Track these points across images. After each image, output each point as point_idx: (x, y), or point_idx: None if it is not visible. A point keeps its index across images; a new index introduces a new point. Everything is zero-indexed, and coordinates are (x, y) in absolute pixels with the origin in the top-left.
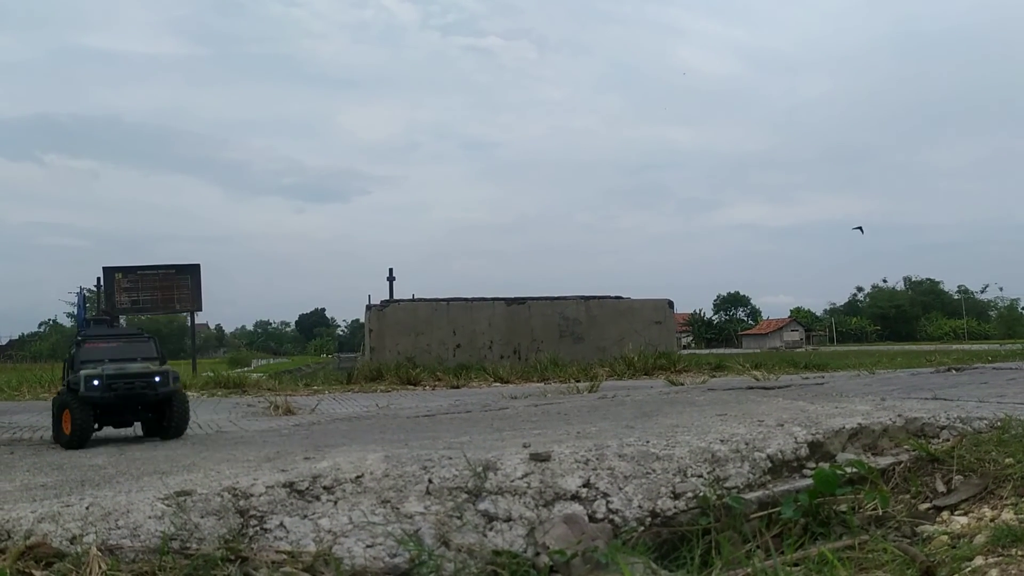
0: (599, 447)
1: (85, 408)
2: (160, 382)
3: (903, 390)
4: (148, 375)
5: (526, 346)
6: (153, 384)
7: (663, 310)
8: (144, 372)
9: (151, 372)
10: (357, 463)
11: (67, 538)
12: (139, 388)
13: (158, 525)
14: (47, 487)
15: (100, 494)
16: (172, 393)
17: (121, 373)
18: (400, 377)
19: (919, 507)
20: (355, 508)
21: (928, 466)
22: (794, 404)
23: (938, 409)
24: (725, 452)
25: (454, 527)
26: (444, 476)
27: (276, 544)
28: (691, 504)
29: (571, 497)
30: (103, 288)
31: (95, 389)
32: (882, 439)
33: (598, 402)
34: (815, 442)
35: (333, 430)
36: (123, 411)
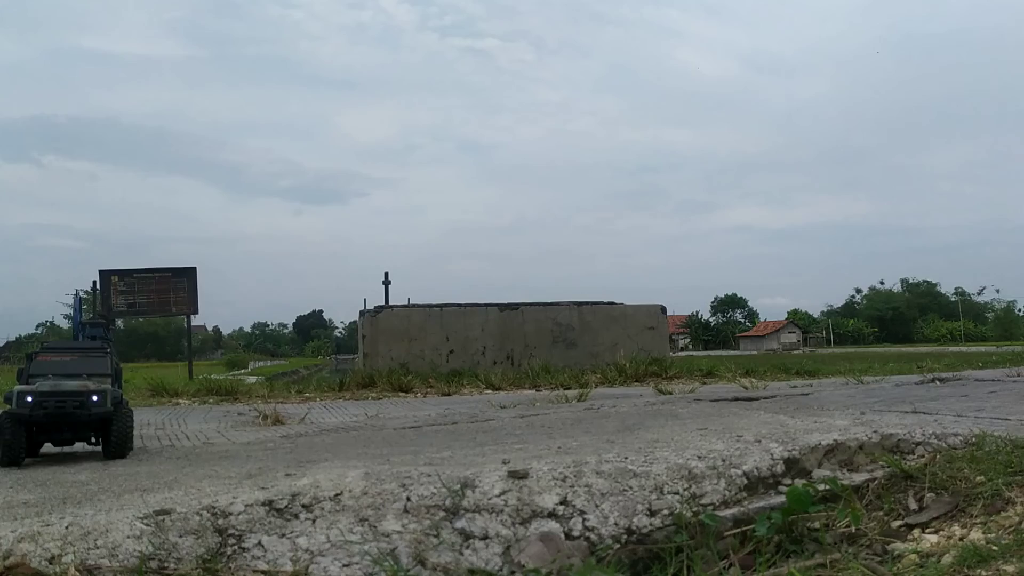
0: (578, 463)
1: (16, 426)
2: (97, 402)
3: (885, 402)
4: (83, 394)
5: (519, 352)
6: (87, 404)
7: (656, 316)
8: (78, 391)
9: (87, 391)
10: (337, 480)
11: (46, 558)
12: (70, 407)
13: (136, 545)
14: (29, 504)
15: (80, 512)
16: (109, 414)
17: (54, 391)
18: (392, 384)
19: (892, 524)
20: (333, 526)
21: (902, 483)
22: (775, 418)
23: (915, 424)
24: (702, 469)
25: (431, 545)
26: (422, 494)
27: (253, 563)
28: (667, 521)
29: (548, 515)
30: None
31: (25, 406)
32: (858, 455)
33: (583, 414)
34: (791, 458)
35: (319, 443)
36: (57, 430)
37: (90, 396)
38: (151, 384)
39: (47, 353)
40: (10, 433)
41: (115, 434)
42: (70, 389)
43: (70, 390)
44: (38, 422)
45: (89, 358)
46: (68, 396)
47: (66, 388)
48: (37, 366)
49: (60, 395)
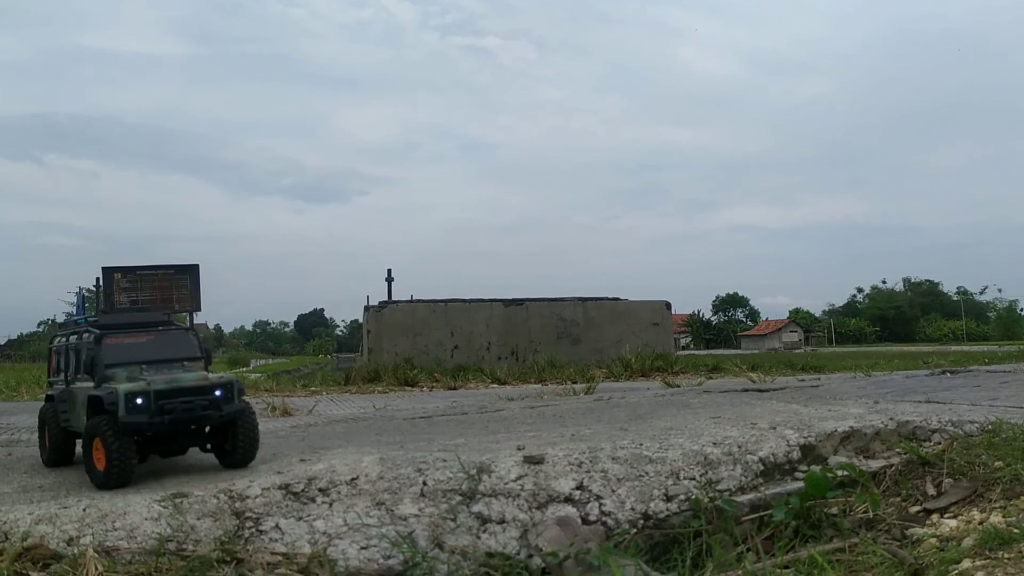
0: (593, 450)
1: (125, 438)
2: (223, 397)
3: (897, 393)
4: (207, 389)
5: (524, 347)
6: (216, 401)
7: (660, 311)
8: (202, 385)
9: (211, 385)
10: (352, 465)
11: (64, 540)
12: (199, 409)
13: (154, 527)
14: (44, 489)
15: (97, 496)
16: (239, 412)
17: (174, 388)
18: (398, 378)
19: (909, 510)
20: (350, 510)
21: (919, 469)
22: (788, 407)
23: (930, 412)
24: (718, 455)
25: (448, 529)
26: (438, 478)
27: (271, 546)
28: (683, 506)
29: (564, 499)
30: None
31: (141, 412)
32: (874, 442)
33: (593, 404)
34: (807, 445)
35: (330, 432)
36: (175, 438)
37: (214, 391)
38: None
39: (118, 334)
40: (118, 448)
41: (242, 437)
42: (190, 384)
43: (191, 385)
44: (158, 431)
45: (171, 336)
46: (192, 394)
47: (185, 383)
48: (111, 352)
49: (183, 393)
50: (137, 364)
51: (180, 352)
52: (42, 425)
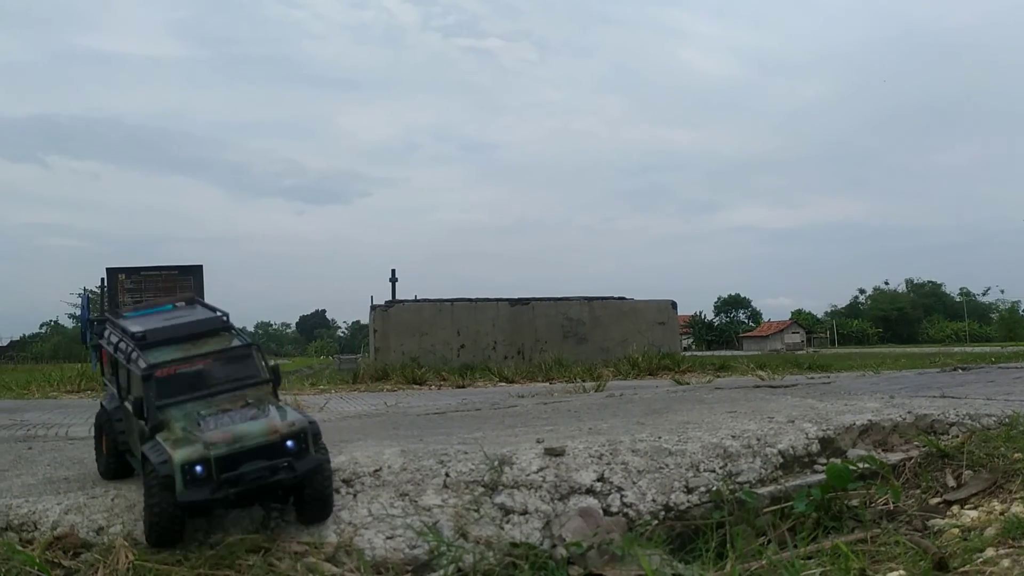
0: (612, 442)
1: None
2: (296, 450)
3: (911, 389)
4: (278, 446)
5: (530, 346)
6: (290, 461)
7: (667, 311)
8: (272, 442)
9: (281, 437)
10: (374, 457)
11: (93, 529)
12: (269, 474)
13: None
14: (70, 480)
15: (124, 486)
16: (316, 468)
17: (238, 451)
18: (406, 377)
19: (929, 501)
20: (374, 501)
21: (938, 462)
22: (803, 402)
23: (947, 406)
24: (737, 448)
25: (472, 519)
26: (460, 470)
27: (297, 535)
28: (704, 498)
29: (586, 491)
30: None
31: (201, 485)
32: (892, 435)
33: (606, 400)
34: (826, 438)
35: (346, 427)
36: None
37: (285, 443)
38: None
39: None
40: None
41: (314, 494)
42: (261, 442)
43: (262, 443)
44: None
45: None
46: (261, 456)
47: (252, 441)
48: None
49: (249, 457)
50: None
51: (242, 373)
52: (99, 433)
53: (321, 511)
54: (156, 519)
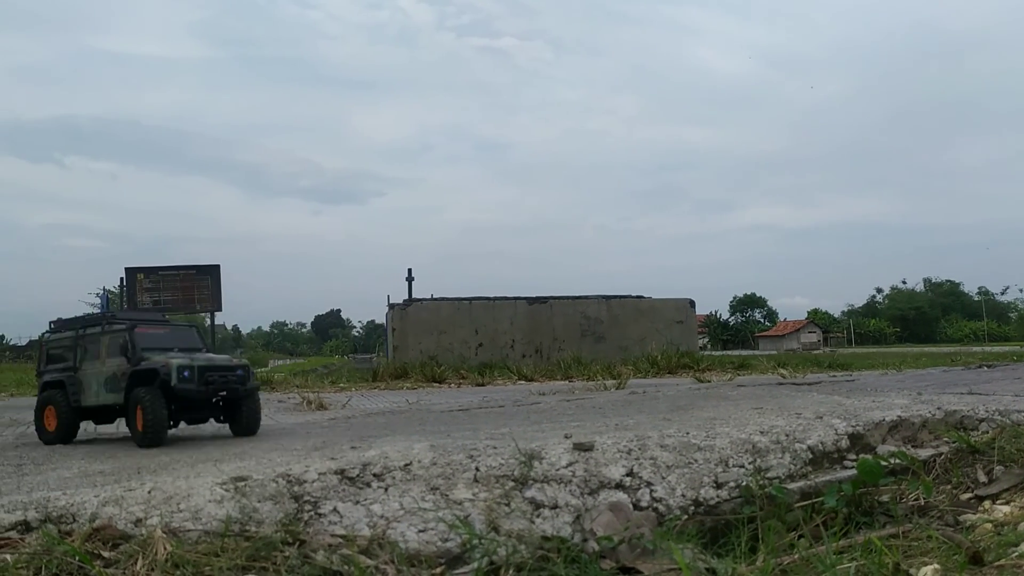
0: (640, 438)
1: (159, 402)
2: (244, 376)
3: (937, 386)
4: (235, 368)
5: (548, 345)
6: (242, 378)
7: (684, 309)
8: (232, 365)
9: (237, 365)
10: (404, 452)
11: (131, 521)
12: (233, 382)
13: (218, 509)
14: (105, 473)
15: (160, 479)
16: (255, 388)
17: (212, 365)
18: (425, 375)
19: (960, 497)
20: (405, 495)
21: (968, 457)
22: (830, 398)
23: (976, 403)
24: (766, 443)
25: (503, 513)
26: (490, 464)
27: (331, 528)
28: (734, 493)
29: (615, 486)
30: (125, 288)
31: (188, 382)
32: (921, 432)
33: (630, 397)
34: (855, 434)
35: (371, 423)
36: (205, 407)
37: (237, 370)
38: None
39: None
40: (155, 411)
41: (251, 410)
42: (223, 363)
43: (224, 364)
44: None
45: (179, 330)
46: (225, 371)
47: (219, 362)
48: (142, 339)
49: (218, 370)
50: (160, 350)
51: (188, 343)
52: (41, 410)
53: (254, 426)
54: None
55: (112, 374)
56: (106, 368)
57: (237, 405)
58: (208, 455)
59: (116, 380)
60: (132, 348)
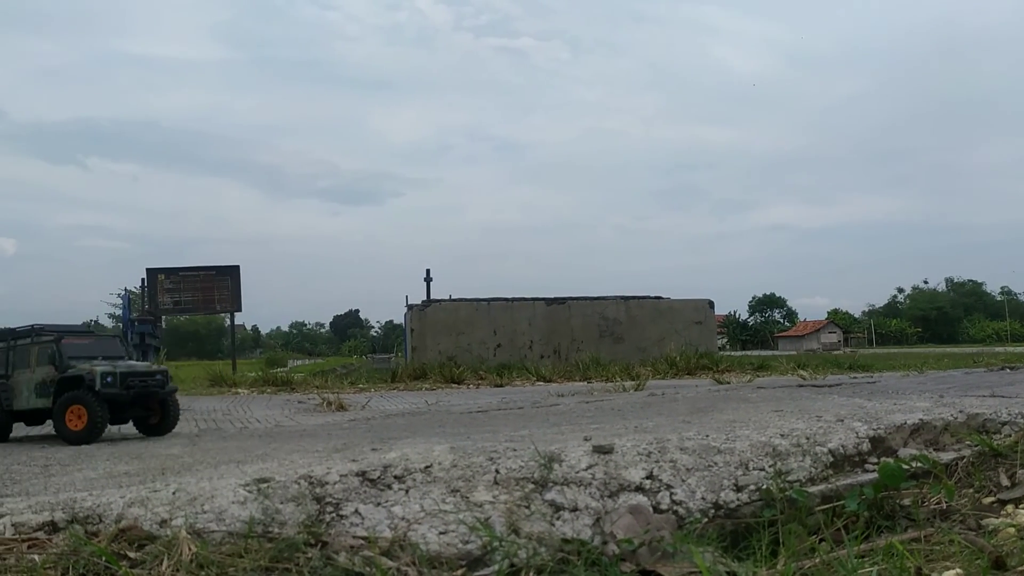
0: (660, 440)
1: (102, 405)
2: (162, 381)
3: (959, 388)
4: (155, 373)
5: (566, 346)
6: (161, 382)
7: (703, 310)
8: (151, 371)
9: (156, 371)
10: (425, 454)
11: (156, 521)
12: (152, 386)
13: (241, 510)
14: (130, 474)
15: (184, 481)
16: (173, 391)
17: (133, 371)
18: (443, 376)
19: (983, 501)
20: (426, 496)
21: (991, 461)
22: (851, 401)
23: (998, 405)
24: (786, 446)
25: (523, 516)
26: (510, 467)
27: (353, 530)
28: (754, 496)
29: (635, 488)
30: (147, 289)
31: (111, 386)
32: (943, 435)
33: (649, 399)
34: (876, 437)
35: (392, 424)
36: (130, 408)
37: (156, 375)
38: (209, 375)
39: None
40: (99, 411)
41: (172, 410)
42: (143, 369)
43: (144, 370)
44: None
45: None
46: (145, 376)
47: (139, 368)
48: (68, 349)
49: (138, 375)
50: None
51: (112, 351)
52: None
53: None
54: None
55: (41, 381)
56: (36, 375)
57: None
58: (230, 456)
59: (45, 386)
60: (59, 357)
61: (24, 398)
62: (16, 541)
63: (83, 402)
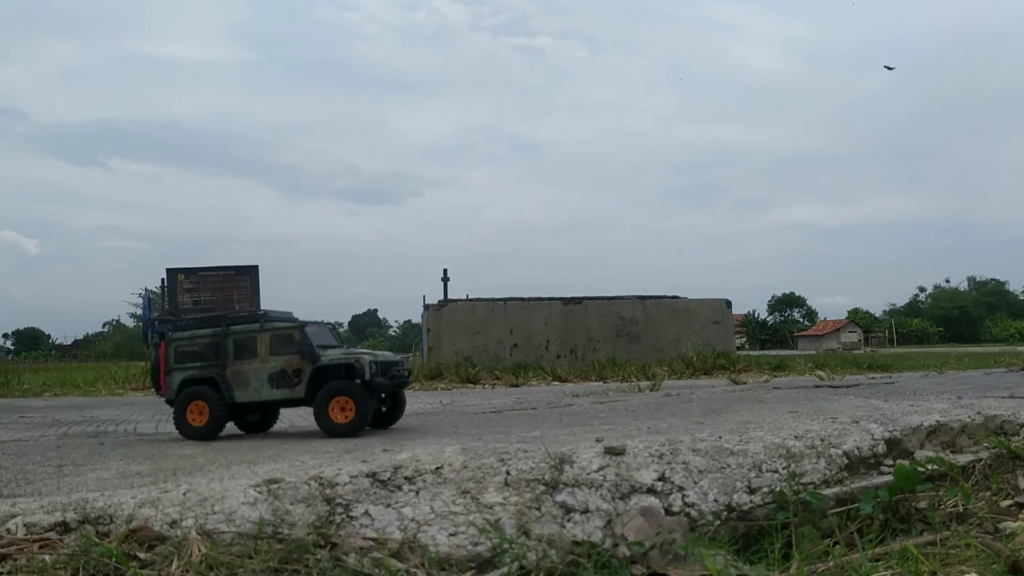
0: (672, 442)
1: (371, 395)
2: (408, 370)
3: (978, 389)
4: (400, 362)
5: (583, 346)
6: (408, 372)
7: (721, 310)
8: (398, 360)
9: (401, 360)
10: (435, 455)
11: (167, 522)
12: (404, 376)
13: (251, 511)
14: (142, 475)
15: (195, 481)
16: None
17: (388, 360)
18: (459, 375)
19: (1000, 504)
20: (436, 498)
21: (1009, 463)
22: (867, 402)
23: (1017, 407)
24: (800, 448)
25: (533, 518)
26: (521, 468)
27: (362, 531)
28: (767, 499)
29: (647, 490)
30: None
31: (379, 376)
32: (960, 437)
33: (663, 399)
34: (892, 439)
35: (404, 424)
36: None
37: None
38: None
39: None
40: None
41: (403, 402)
42: (394, 359)
43: (395, 359)
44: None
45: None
46: (396, 366)
47: (391, 358)
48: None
49: (393, 365)
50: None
51: (332, 340)
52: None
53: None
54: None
55: (281, 370)
56: (271, 365)
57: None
58: (242, 457)
59: (286, 376)
60: (310, 346)
61: (253, 389)
62: (28, 541)
63: (350, 393)
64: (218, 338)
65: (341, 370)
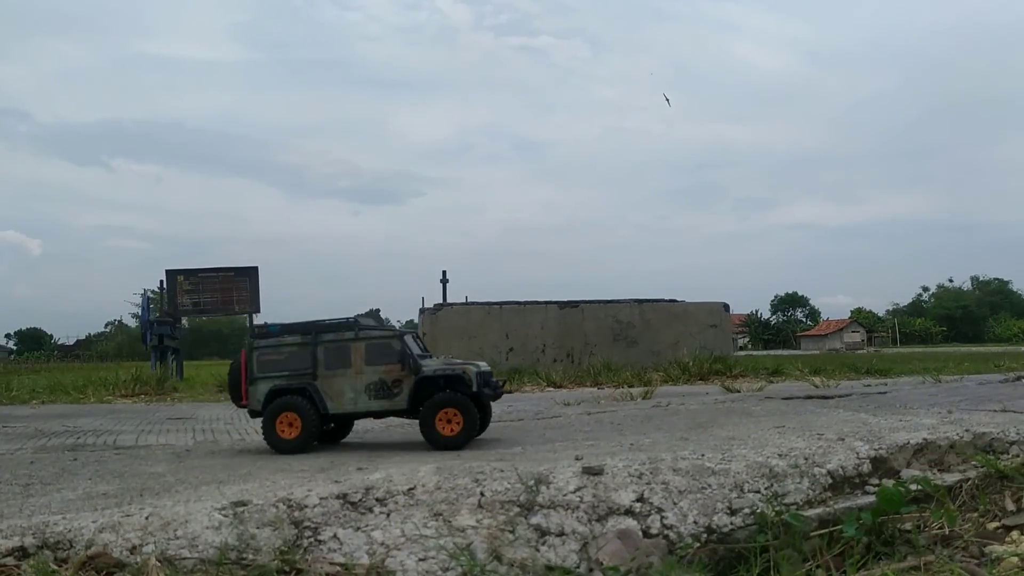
0: (653, 460)
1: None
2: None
3: (970, 401)
4: (491, 373)
5: (579, 350)
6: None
7: (718, 313)
8: (490, 370)
9: (491, 370)
10: (409, 475)
11: (127, 548)
12: (500, 386)
13: (215, 536)
14: (108, 496)
15: (159, 503)
16: None
17: (484, 371)
18: None
19: (987, 526)
20: (407, 521)
21: (997, 483)
22: (855, 416)
23: (1007, 423)
24: (783, 467)
25: (506, 541)
26: (496, 489)
27: (330, 556)
28: (748, 520)
29: (625, 512)
30: (166, 290)
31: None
32: (949, 455)
33: (652, 411)
34: (878, 458)
35: (386, 438)
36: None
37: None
38: (218, 380)
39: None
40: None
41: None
42: (487, 369)
43: (488, 370)
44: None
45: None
46: (490, 376)
47: (485, 368)
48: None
49: (488, 375)
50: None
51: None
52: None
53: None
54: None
55: (379, 381)
56: (367, 375)
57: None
58: (214, 476)
59: (384, 387)
60: (411, 356)
61: (348, 400)
62: None
63: (458, 405)
64: (309, 346)
65: (442, 380)
